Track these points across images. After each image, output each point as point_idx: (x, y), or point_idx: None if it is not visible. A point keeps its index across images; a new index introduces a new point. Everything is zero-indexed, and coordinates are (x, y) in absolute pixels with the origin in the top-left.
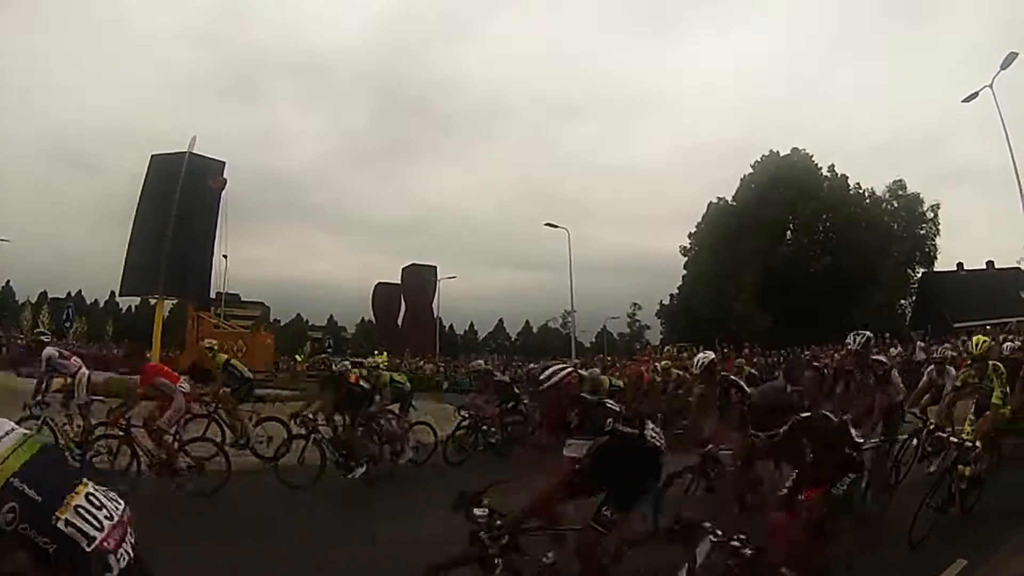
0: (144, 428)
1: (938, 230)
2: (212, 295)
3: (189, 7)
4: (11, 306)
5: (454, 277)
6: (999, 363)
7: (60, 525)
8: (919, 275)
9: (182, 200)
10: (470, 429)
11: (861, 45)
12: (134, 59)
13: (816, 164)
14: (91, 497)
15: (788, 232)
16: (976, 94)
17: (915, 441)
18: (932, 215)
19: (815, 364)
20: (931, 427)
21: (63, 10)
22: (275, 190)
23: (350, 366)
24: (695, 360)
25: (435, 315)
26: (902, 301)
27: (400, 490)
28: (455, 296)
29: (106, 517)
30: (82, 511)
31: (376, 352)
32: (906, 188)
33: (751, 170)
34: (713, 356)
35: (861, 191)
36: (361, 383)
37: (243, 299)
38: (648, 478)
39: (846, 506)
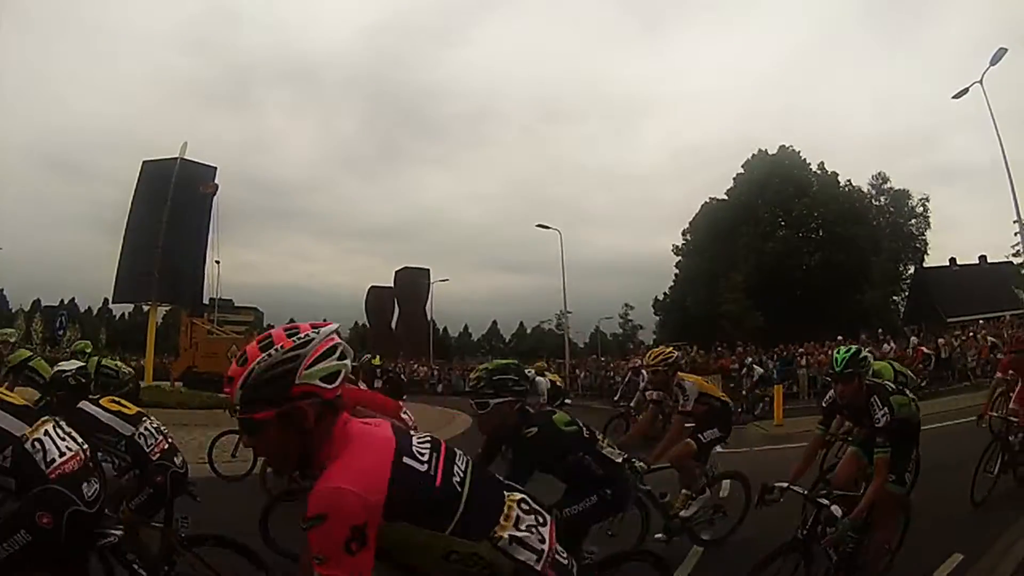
0: None
1: (928, 224)
2: (205, 301)
3: (181, 13)
4: (4, 314)
5: (447, 280)
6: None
7: None
8: (910, 271)
9: (174, 206)
10: None
11: (852, 44)
12: (126, 65)
13: (805, 161)
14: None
15: (780, 230)
16: (966, 90)
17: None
18: (922, 209)
19: None
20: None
21: (54, 16)
22: (267, 195)
23: None
24: None
25: (428, 318)
26: (895, 297)
27: None
28: (448, 299)
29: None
30: None
31: (369, 356)
32: (888, 180)
33: (742, 170)
34: None
35: (851, 188)
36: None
37: (236, 304)
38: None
39: None
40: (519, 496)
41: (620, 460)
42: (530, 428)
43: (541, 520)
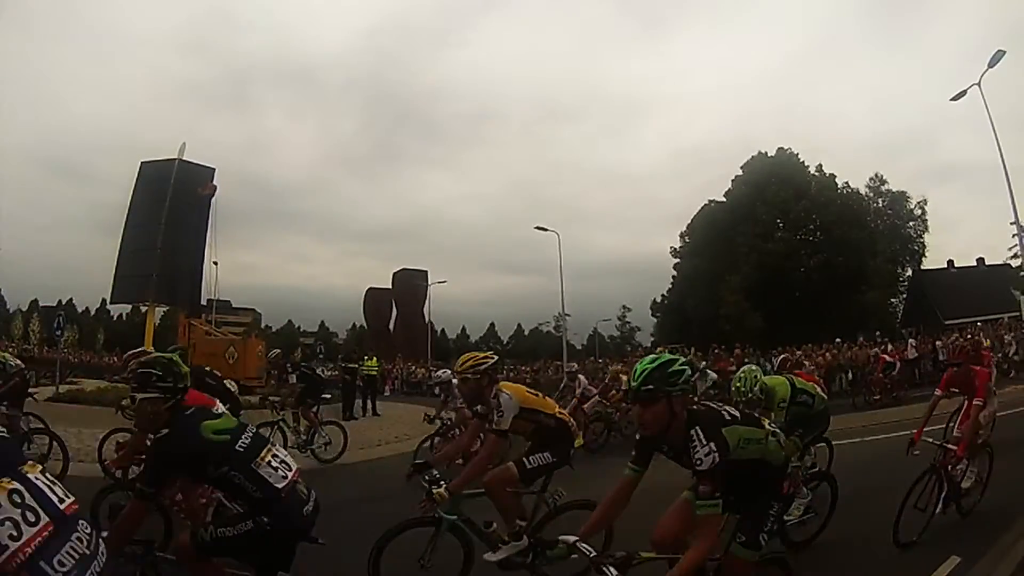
0: None
1: (926, 227)
2: (203, 302)
3: (180, 16)
4: (2, 315)
5: (445, 281)
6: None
7: None
8: (908, 272)
9: (172, 207)
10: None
11: (851, 46)
12: (125, 67)
13: (804, 163)
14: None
15: (778, 232)
16: (964, 92)
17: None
18: (920, 212)
19: None
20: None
21: (54, 17)
22: (265, 196)
23: None
24: None
25: (427, 319)
26: (893, 299)
27: None
28: (446, 300)
29: None
30: None
31: (367, 357)
32: (886, 182)
33: (740, 171)
34: None
35: (849, 190)
36: None
37: (234, 305)
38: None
39: None
40: (15, 487)
41: (283, 484)
42: (163, 429)
43: (31, 519)
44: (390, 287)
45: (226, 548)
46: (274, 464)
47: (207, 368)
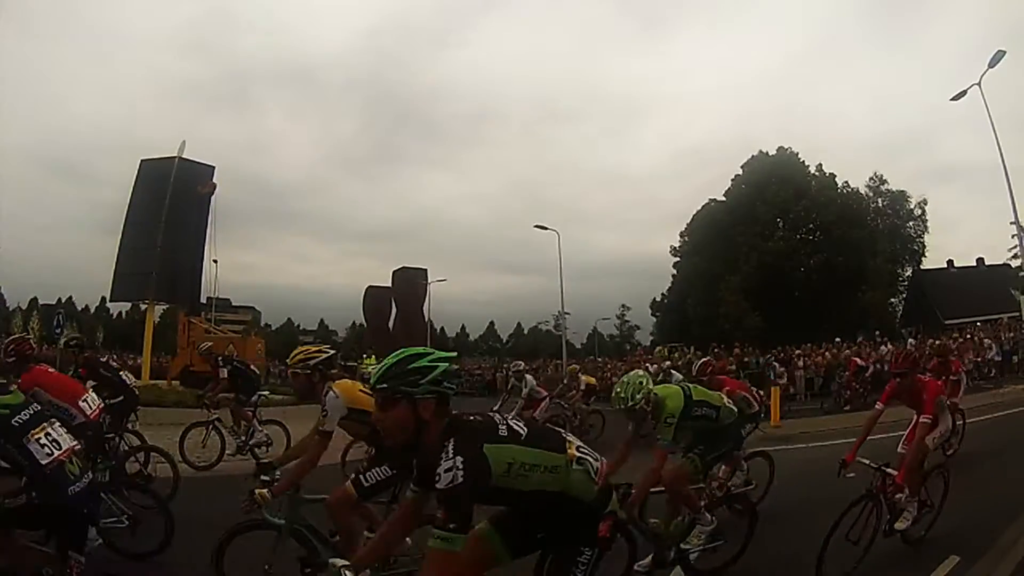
0: None
1: (926, 227)
2: (203, 300)
3: (180, 16)
4: (2, 312)
5: (445, 280)
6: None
7: None
8: (908, 272)
9: (172, 205)
10: None
11: (851, 46)
12: (125, 66)
13: (804, 163)
14: None
15: (778, 231)
16: (964, 92)
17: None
18: (920, 212)
19: None
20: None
21: (53, 18)
22: (265, 196)
23: None
24: None
25: (426, 318)
26: (892, 299)
27: None
28: (446, 299)
29: None
30: None
31: (365, 355)
32: (886, 182)
33: (740, 171)
34: None
35: (849, 190)
36: None
37: (234, 304)
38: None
39: None
40: None
41: (47, 461)
42: None
43: None
44: (390, 285)
45: (10, 520)
46: (43, 441)
47: (103, 360)
